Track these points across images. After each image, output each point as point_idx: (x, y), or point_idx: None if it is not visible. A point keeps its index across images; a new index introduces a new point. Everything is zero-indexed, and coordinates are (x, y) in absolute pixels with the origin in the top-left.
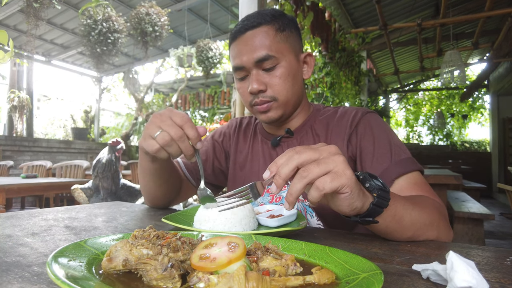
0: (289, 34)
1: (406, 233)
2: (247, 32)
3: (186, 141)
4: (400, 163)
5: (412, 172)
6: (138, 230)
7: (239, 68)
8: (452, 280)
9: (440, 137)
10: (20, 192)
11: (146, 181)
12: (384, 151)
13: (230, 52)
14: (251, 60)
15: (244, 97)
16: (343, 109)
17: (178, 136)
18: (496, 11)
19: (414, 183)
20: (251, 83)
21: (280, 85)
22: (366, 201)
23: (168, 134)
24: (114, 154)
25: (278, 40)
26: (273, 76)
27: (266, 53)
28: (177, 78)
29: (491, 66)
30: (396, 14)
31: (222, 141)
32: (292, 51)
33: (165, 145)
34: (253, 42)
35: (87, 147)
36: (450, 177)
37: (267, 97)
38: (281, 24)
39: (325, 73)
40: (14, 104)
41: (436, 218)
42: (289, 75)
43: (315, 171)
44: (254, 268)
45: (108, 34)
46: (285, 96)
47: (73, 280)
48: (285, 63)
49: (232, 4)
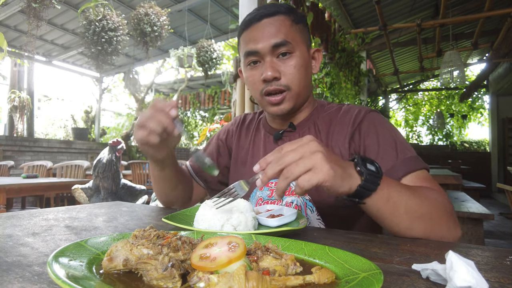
0: (302, 28)
1: (402, 222)
2: (264, 19)
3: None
4: (406, 161)
5: (419, 171)
6: (138, 230)
7: (253, 52)
8: (451, 279)
9: (440, 137)
10: (21, 192)
11: (159, 187)
12: (389, 149)
13: (242, 39)
14: (267, 46)
15: (254, 85)
16: (346, 107)
17: (151, 114)
18: (496, 12)
19: (422, 179)
20: (266, 70)
21: (294, 74)
22: (353, 184)
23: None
24: (114, 154)
25: (294, 30)
26: (287, 65)
27: (284, 38)
28: (177, 78)
29: (490, 66)
30: (396, 15)
31: (225, 139)
32: (305, 43)
33: (143, 124)
34: (270, 28)
35: (88, 147)
36: (449, 177)
37: (281, 86)
38: (296, 17)
39: (325, 73)
40: (15, 104)
41: (439, 212)
42: (302, 66)
43: (296, 171)
44: (254, 268)
45: (109, 33)
46: (297, 86)
47: (74, 279)
48: (299, 53)
49: (232, 4)
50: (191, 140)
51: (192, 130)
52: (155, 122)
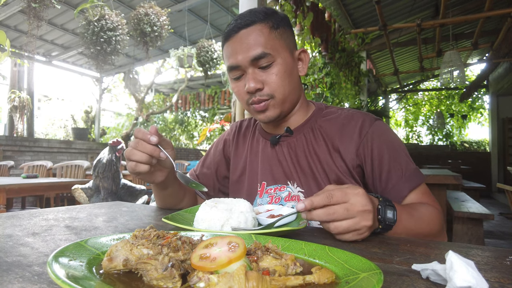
0: (283, 32)
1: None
2: (241, 31)
3: (142, 144)
4: (410, 177)
5: (420, 186)
6: (138, 230)
7: (234, 67)
8: (451, 279)
9: (440, 137)
10: (21, 192)
11: (165, 203)
12: (396, 165)
13: (224, 51)
14: (246, 58)
15: (240, 96)
16: (348, 112)
17: (134, 145)
18: (496, 12)
19: (422, 194)
20: (248, 82)
21: (276, 83)
22: (373, 228)
23: (128, 148)
24: (114, 154)
25: (273, 38)
26: (269, 74)
27: (262, 51)
28: (177, 78)
29: (490, 66)
30: (396, 15)
31: (223, 149)
32: (287, 48)
33: (129, 157)
34: (248, 40)
35: (88, 147)
36: (449, 177)
37: (264, 95)
38: (275, 21)
39: (325, 73)
40: (15, 104)
41: (431, 229)
42: (285, 72)
43: (342, 229)
44: (254, 268)
45: (107, 32)
46: (282, 94)
47: (74, 280)
48: (281, 60)
49: (232, 4)
50: (191, 140)
51: (192, 130)
52: (138, 153)
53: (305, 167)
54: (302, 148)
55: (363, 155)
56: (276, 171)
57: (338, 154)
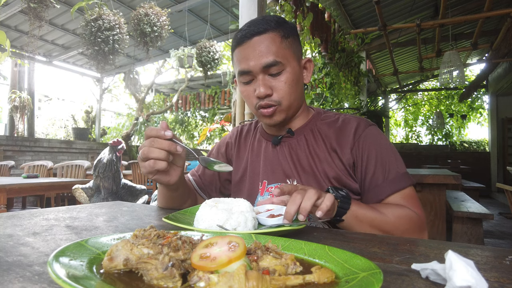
0: (292, 41)
1: (365, 231)
2: (254, 38)
3: (158, 141)
4: (395, 181)
5: (405, 189)
6: (139, 229)
7: (246, 72)
8: (451, 279)
9: (439, 137)
10: (21, 192)
11: (169, 204)
12: (380, 168)
13: (235, 56)
14: (258, 65)
15: (249, 100)
16: (345, 117)
17: (149, 143)
18: (495, 12)
19: (403, 198)
20: (258, 87)
21: (285, 90)
22: (335, 207)
23: (144, 147)
24: (115, 154)
25: (284, 47)
26: (279, 81)
27: (274, 59)
28: (177, 78)
29: (490, 67)
30: (396, 15)
31: (225, 151)
32: (295, 57)
33: (146, 156)
34: (260, 47)
35: (88, 147)
36: (449, 177)
37: (273, 101)
38: (286, 31)
39: (324, 73)
40: (15, 105)
41: (406, 227)
42: (293, 81)
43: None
44: (254, 267)
45: (105, 32)
46: (288, 101)
47: (74, 279)
48: (290, 69)
49: (233, 5)
50: (191, 140)
51: (192, 130)
52: (155, 150)
53: (305, 165)
54: (303, 148)
55: (355, 155)
56: (277, 169)
57: (335, 154)
